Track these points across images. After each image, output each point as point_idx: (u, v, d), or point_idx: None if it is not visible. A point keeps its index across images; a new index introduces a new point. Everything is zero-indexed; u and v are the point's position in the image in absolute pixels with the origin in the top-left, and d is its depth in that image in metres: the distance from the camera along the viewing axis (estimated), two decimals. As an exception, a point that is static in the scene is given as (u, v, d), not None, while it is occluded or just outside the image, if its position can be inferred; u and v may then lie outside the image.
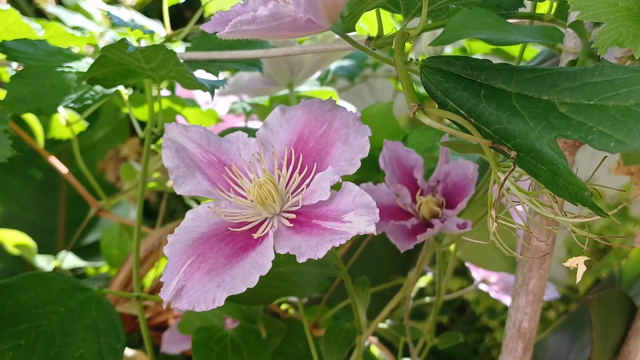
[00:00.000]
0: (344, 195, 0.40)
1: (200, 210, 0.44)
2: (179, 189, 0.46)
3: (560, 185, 0.35)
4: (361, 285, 0.58)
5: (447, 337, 0.63)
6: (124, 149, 0.97)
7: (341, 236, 0.37)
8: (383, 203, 0.56)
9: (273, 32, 0.41)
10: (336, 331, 0.57)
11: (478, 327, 1.37)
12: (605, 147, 0.32)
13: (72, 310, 0.52)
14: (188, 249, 0.42)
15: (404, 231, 0.54)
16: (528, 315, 0.56)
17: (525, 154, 0.36)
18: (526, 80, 0.37)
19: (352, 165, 0.42)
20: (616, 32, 0.43)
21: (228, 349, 0.55)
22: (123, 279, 0.86)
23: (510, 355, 0.57)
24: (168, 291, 0.40)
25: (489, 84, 0.38)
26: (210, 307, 0.38)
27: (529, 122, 0.36)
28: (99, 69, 0.52)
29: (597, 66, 0.35)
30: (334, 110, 0.45)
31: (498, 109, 0.37)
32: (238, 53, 0.58)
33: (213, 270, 0.40)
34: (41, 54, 0.58)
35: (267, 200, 0.42)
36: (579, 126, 0.34)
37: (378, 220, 0.37)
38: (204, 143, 0.47)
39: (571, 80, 0.36)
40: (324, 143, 0.44)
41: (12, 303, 0.51)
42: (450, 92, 0.39)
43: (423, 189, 0.56)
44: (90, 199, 0.83)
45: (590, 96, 0.34)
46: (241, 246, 0.41)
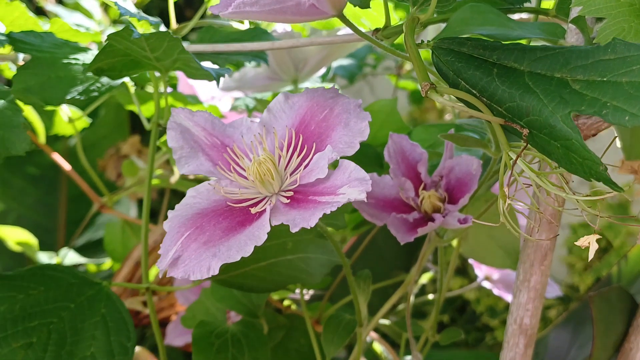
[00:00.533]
0: (340, 172, 0.40)
1: (201, 188, 0.45)
2: (182, 168, 0.47)
3: (574, 161, 0.35)
4: (363, 278, 0.58)
5: (449, 333, 0.63)
6: (125, 147, 0.97)
7: (332, 204, 0.38)
8: (386, 195, 0.57)
9: (276, 15, 0.41)
10: (336, 322, 0.57)
11: (479, 326, 1.37)
12: (620, 120, 0.33)
13: (82, 307, 0.52)
14: (187, 222, 0.43)
15: (405, 224, 0.54)
16: (530, 312, 0.56)
17: (538, 131, 0.36)
18: (539, 58, 0.37)
19: (351, 148, 0.43)
20: (618, 28, 0.43)
21: (229, 344, 0.55)
22: (126, 274, 0.86)
23: (512, 351, 0.58)
24: (165, 260, 0.40)
25: (502, 63, 0.39)
26: (205, 275, 0.39)
27: (543, 99, 0.36)
28: (104, 58, 0.52)
29: (609, 44, 0.35)
30: (336, 97, 0.46)
31: (511, 86, 0.37)
32: (244, 45, 0.58)
33: (210, 242, 0.40)
34: (48, 45, 0.58)
35: (265, 177, 0.43)
36: (593, 101, 0.34)
37: (370, 190, 0.38)
38: (208, 127, 0.48)
39: (584, 58, 0.36)
40: (324, 127, 0.45)
41: (23, 297, 0.51)
42: (462, 72, 0.40)
43: (426, 183, 0.56)
44: (93, 196, 0.83)
45: (603, 73, 0.34)
46: (239, 221, 0.42)
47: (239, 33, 0.62)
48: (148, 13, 1.20)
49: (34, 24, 0.62)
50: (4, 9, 0.62)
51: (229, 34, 0.63)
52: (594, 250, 0.38)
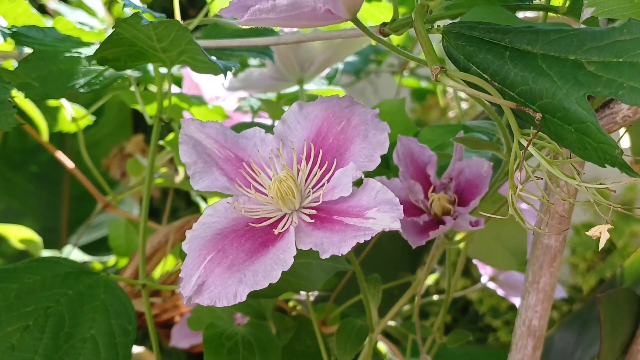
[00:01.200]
0: (366, 192, 0.39)
1: (218, 206, 0.44)
2: (196, 184, 0.46)
3: (588, 146, 0.34)
4: (373, 282, 0.58)
5: (456, 335, 0.63)
6: (129, 146, 0.97)
7: (365, 232, 0.37)
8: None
9: (291, 22, 0.41)
10: (348, 329, 0.57)
11: (481, 326, 1.37)
12: (637, 101, 0.32)
13: (81, 293, 0.51)
14: (208, 245, 0.41)
15: (416, 227, 0.54)
16: (538, 314, 0.56)
17: (551, 115, 0.35)
18: (552, 41, 0.36)
19: (372, 162, 0.42)
20: (632, 28, 0.43)
21: (239, 345, 0.55)
22: (130, 275, 0.86)
23: (520, 353, 0.57)
24: (189, 286, 0.39)
25: (514, 46, 0.38)
26: (232, 302, 0.38)
27: (557, 81, 0.35)
28: (110, 47, 0.51)
29: (625, 24, 0.34)
30: (352, 106, 0.44)
31: (524, 69, 0.36)
32: (249, 40, 0.58)
33: (234, 266, 0.39)
34: (50, 39, 0.57)
35: (287, 196, 0.42)
36: (608, 83, 0.33)
37: (402, 217, 0.37)
38: (220, 139, 0.47)
39: (598, 39, 0.35)
40: (342, 139, 0.44)
41: (18, 286, 0.50)
42: (473, 56, 0.39)
43: (436, 185, 0.56)
44: (97, 194, 0.83)
45: (619, 54, 0.34)
46: (261, 242, 0.41)
47: (244, 30, 0.62)
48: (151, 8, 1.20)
49: (37, 21, 0.62)
50: (8, 5, 0.62)
51: (235, 31, 0.62)
52: (605, 239, 0.37)
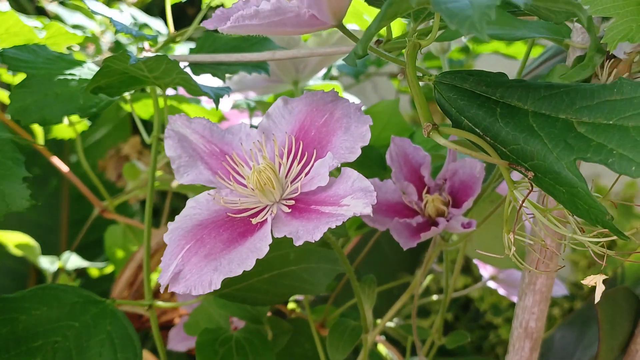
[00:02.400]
0: (343, 181, 0.40)
1: (200, 198, 0.44)
2: (180, 178, 0.47)
3: (580, 207, 0.34)
4: (367, 283, 0.58)
5: (455, 336, 0.63)
6: (125, 148, 0.97)
7: (337, 218, 0.37)
8: (389, 200, 0.56)
9: (276, 28, 0.40)
10: (341, 328, 0.56)
11: (482, 324, 1.37)
12: (627, 171, 0.32)
13: (87, 325, 0.51)
14: (187, 235, 0.42)
15: (409, 229, 0.54)
16: (535, 315, 0.56)
17: (543, 175, 0.35)
18: (543, 98, 0.36)
19: (353, 153, 0.42)
20: (626, 27, 0.42)
21: (233, 351, 0.54)
22: (128, 277, 0.86)
23: (517, 355, 0.57)
24: (166, 275, 0.40)
25: (505, 101, 0.38)
26: (207, 290, 0.38)
27: (547, 144, 0.35)
28: (102, 79, 0.51)
29: (615, 83, 0.34)
30: (336, 100, 0.45)
31: (515, 128, 0.36)
32: (244, 55, 0.58)
33: (210, 255, 0.40)
34: (42, 61, 0.57)
35: (266, 186, 0.42)
36: (598, 148, 0.33)
37: (375, 203, 0.37)
38: (207, 134, 0.47)
39: (589, 98, 0.35)
40: (325, 132, 0.44)
41: (25, 318, 0.50)
42: (465, 110, 0.39)
43: (430, 186, 0.56)
44: (93, 199, 0.82)
45: (609, 115, 0.33)
46: (240, 232, 0.41)
47: (239, 39, 0.61)
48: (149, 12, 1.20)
49: (29, 33, 0.62)
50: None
51: (229, 40, 0.62)
52: (601, 291, 0.37)
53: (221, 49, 0.61)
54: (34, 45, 0.59)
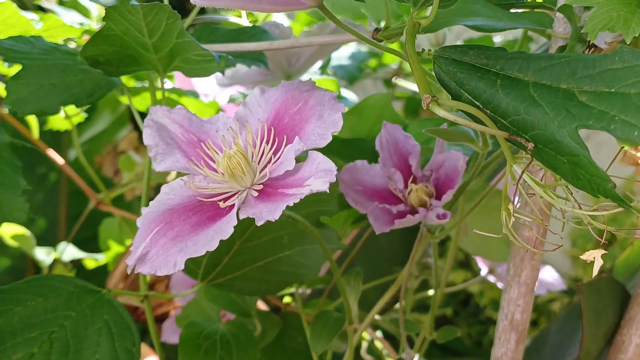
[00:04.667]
0: (309, 163, 0.40)
1: (174, 184, 0.45)
2: (157, 165, 0.47)
3: (581, 177, 0.34)
4: (353, 275, 0.58)
5: (445, 331, 0.62)
6: (122, 143, 0.97)
7: (296, 196, 0.38)
8: (375, 184, 0.56)
9: (251, 4, 0.40)
10: (324, 319, 0.56)
11: (482, 319, 1.36)
12: (629, 136, 0.31)
13: (84, 314, 0.51)
14: (157, 219, 0.42)
15: (387, 214, 0.54)
16: (520, 307, 0.56)
17: (544, 146, 0.35)
18: (543, 68, 0.36)
19: (324, 139, 0.42)
20: (606, 17, 0.42)
21: (217, 345, 0.54)
22: (123, 270, 0.86)
23: (504, 347, 0.57)
24: (134, 256, 0.40)
25: (505, 73, 0.37)
26: (172, 271, 0.39)
27: (549, 112, 0.35)
28: (101, 42, 0.51)
29: (616, 52, 0.34)
30: (312, 89, 0.45)
31: (516, 99, 0.36)
32: (242, 45, 0.57)
33: (178, 237, 0.40)
34: (38, 52, 0.57)
35: (235, 171, 0.42)
36: (600, 115, 0.33)
37: (334, 181, 0.38)
38: (185, 123, 0.48)
39: (590, 67, 0.34)
40: (298, 119, 0.44)
41: (21, 309, 0.50)
42: (465, 83, 0.38)
43: (417, 176, 0.56)
44: (89, 192, 0.82)
45: (611, 83, 0.33)
46: (209, 216, 0.42)
47: (237, 32, 0.61)
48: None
49: (25, 24, 0.61)
50: (-5, 9, 0.61)
51: (227, 32, 0.62)
52: (599, 265, 0.37)
53: (218, 41, 0.61)
54: (30, 37, 0.59)
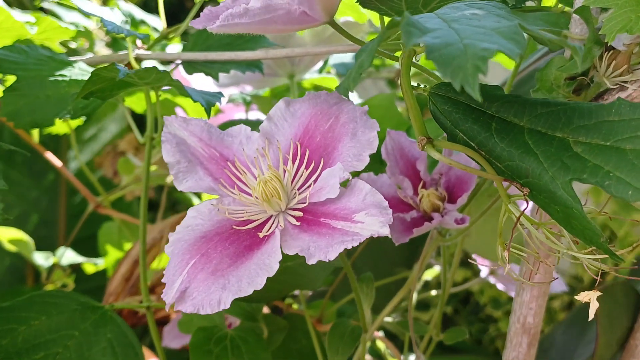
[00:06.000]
0: (354, 194, 0.38)
1: (202, 208, 0.43)
2: (180, 184, 0.45)
3: (575, 226, 0.34)
4: (365, 281, 0.57)
5: (453, 332, 0.62)
6: (122, 144, 0.96)
7: (353, 237, 0.36)
8: (384, 194, 0.54)
9: (266, 26, 0.40)
10: (340, 330, 0.56)
11: (482, 317, 1.36)
12: (623, 194, 0.31)
13: (87, 333, 0.50)
14: (191, 248, 0.40)
15: (402, 223, 0.53)
16: (533, 310, 0.55)
17: (538, 193, 0.35)
18: (539, 115, 0.36)
19: (360, 161, 0.41)
20: (625, 18, 0.42)
21: (228, 351, 0.53)
22: (124, 273, 0.85)
23: (515, 350, 0.56)
24: (171, 293, 0.38)
25: (501, 116, 0.37)
26: (216, 309, 0.37)
27: (543, 162, 0.34)
28: (92, 86, 0.50)
29: (613, 104, 0.34)
30: (341, 103, 0.43)
31: (510, 145, 0.36)
32: (237, 54, 0.57)
33: (218, 271, 0.38)
34: (33, 61, 0.56)
35: (272, 198, 0.40)
36: (595, 169, 0.33)
37: (391, 222, 0.36)
38: (205, 137, 0.45)
39: (586, 117, 0.34)
40: (330, 137, 0.42)
41: (25, 329, 0.49)
42: (460, 124, 0.38)
43: (426, 181, 0.55)
44: (88, 195, 0.82)
45: (607, 136, 0.33)
46: (246, 245, 0.39)
47: (232, 37, 0.60)
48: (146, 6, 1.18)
49: (20, 28, 0.61)
50: (-11, 15, 0.60)
51: (223, 37, 0.61)
52: (595, 308, 0.37)
53: (214, 46, 0.60)
54: (25, 46, 0.58)
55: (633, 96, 0.44)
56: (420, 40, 0.29)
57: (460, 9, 0.34)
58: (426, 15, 0.34)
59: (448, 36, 0.29)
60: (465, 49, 0.28)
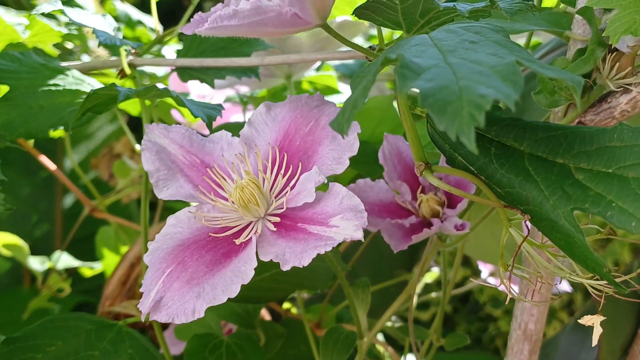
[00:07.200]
0: (331, 197, 0.38)
1: (181, 215, 0.42)
2: (160, 193, 0.44)
3: (577, 254, 0.33)
4: (361, 286, 0.56)
5: (454, 338, 0.61)
6: (118, 146, 0.95)
7: (327, 242, 0.35)
8: (382, 200, 0.54)
9: (256, 28, 0.39)
10: (335, 335, 0.55)
11: (482, 316, 1.36)
12: (626, 226, 0.30)
13: (107, 352, 0.50)
14: (168, 257, 0.40)
15: (401, 230, 0.52)
16: (534, 317, 0.54)
17: (539, 220, 0.34)
18: (540, 139, 0.35)
19: (340, 164, 0.40)
20: (629, 19, 0.41)
21: (223, 358, 0.53)
22: (121, 276, 0.84)
23: (517, 357, 0.56)
24: (147, 302, 0.38)
25: (500, 140, 0.36)
26: (190, 319, 0.36)
27: (544, 190, 0.34)
28: (89, 104, 0.49)
29: (615, 128, 0.33)
30: (322, 106, 0.42)
31: (510, 171, 0.35)
32: (233, 60, 0.56)
33: (193, 280, 0.37)
34: (26, 70, 0.55)
35: (249, 204, 0.40)
36: (597, 199, 0.32)
37: (366, 225, 0.35)
38: (186, 144, 0.45)
39: (588, 142, 0.33)
40: (310, 141, 0.42)
41: (42, 357, 0.48)
42: (459, 148, 0.37)
43: (424, 186, 0.54)
44: (83, 199, 0.81)
45: (609, 163, 0.32)
46: (223, 253, 0.39)
47: (227, 40, 0.59)
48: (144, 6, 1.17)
49: (12, 32, 0.59)
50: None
51: (217, 41, 0.60)
52: (599, 334, 0.36)
53: (209, 50, 0.59)
54: (18, 53, 0.57)
55: (637, 99, 0.43)
56: (415, 85, 0.28)
57: (457, 33, 0.33)
58: (422, 42, 0.33)
59: (443, 76, 0.28)
60: (460, 93, 0.27)
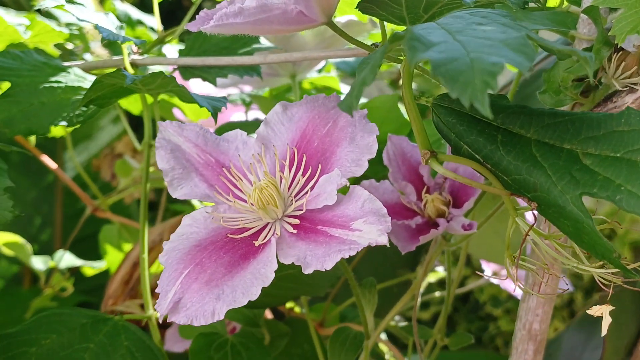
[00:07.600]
0: (352, 200, 0.37)
1: (197, 215, 0.42)
2: (174, 192, 0.44)
3: (586, 241, 0.33)
4: (368, 286, 0.56)
5: (458, 337, 0.61)
6: (119, 146, 0.95)
7: (350, 246, 0.35)
8: (387, 201, 0.54)
9: (262, 26, 0.39)
10: (342, 337, 0.55)
11: (482, 315, 1.36)
12: (636, 209, 0.30)
13: (103, 344, 0.49)
14: (185, 258, 0.39)
15: (407, 230, 0.51)
16: (539, 317, 0.54)
17: (547, 207, 0.34)
18: (546, 125, 0.35)
19: (359, 167, 0.40)
20: (635, 19, 0.41)
21: (229, 357, 0.53)
22: (123, 275, 0.84)
23: (521, 358, 0.55)
24: (164, 304, 0.37)
25: (506, 127, 0.36)
26: (210, 321, 0.36)
27: (551, 176, 0.33)
28: (94, 93, 0.49)
29: (622, 113, 0.33)
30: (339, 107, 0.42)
31: (517, 158, 0.35)
32: (235, 59, 0.55)
33: (212, 281, 0.37)
34: (27, 67, 0.55)
35: (268, 205, 0.40)
36: (605, 183, 0.31)
37: (390, 230, 0.35)
38: (200, 142, 0.44)
39: (595, 128, 0.33)
40: (328, 142, 0.41)
41: (36, 350, 0.48)
42: (465, 136, 0.37)
43: (429, 186, 0.54)
44: (85, 198, 0.80)
45: (617, 148, 0.32)
46: (242, 254, 0.39)
47: (230, 40, 0.59)
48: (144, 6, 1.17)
49: (13, 32, 0.60)
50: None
51: (220, 40, 0.60)
52: (607, 324, 0.36)
53: (211, 50, 0.59)
54: (19, 51, 0.57)
55: (643, 99, 0.43)
56: (425, 56, 0.28)
57: (464, 18, 0.33)
58: (429, 25, 0.32)
59: (454, 50, 0.28)
60: (472, 64, 0.27)
